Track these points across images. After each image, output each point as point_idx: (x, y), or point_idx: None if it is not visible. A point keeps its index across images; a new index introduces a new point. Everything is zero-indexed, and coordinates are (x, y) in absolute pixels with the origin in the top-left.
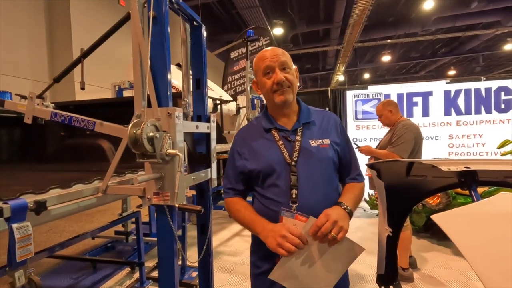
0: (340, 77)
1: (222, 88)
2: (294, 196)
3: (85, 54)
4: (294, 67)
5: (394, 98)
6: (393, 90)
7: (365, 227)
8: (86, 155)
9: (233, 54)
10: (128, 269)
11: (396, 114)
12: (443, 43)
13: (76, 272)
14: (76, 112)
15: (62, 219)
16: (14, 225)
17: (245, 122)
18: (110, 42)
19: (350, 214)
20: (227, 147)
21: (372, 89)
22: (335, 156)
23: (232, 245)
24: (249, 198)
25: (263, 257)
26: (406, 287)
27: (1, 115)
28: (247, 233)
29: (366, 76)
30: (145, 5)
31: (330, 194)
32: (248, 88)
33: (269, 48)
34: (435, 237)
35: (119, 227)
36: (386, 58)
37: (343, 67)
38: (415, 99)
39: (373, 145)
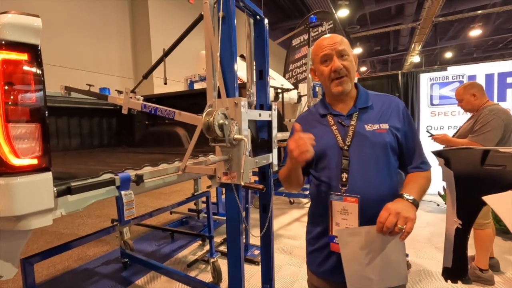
0: (415, 58)
1: (284, 76)
2: (344, 179)
3: (167, 53)
4: (353, 53)
5: (481, 79)
6: (480, 70)
7: (436, 223)
8: (165, 141)
9: (295, 42)
10: (199, 242)
11: (481, 98)
12: None
13: (158, 240)
14: (157, 103)
15: (145, 196)
16: (123, 192)
17: None
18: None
19: (415, 204)
20: (288, 135)
21: (453, 70)
22: (393, 142)
23: (292, 230)
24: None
25: (316, 236)
26: None
27: (103, 107)
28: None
29: (448, 55)
30: (215, 5)
31: (384, 179)
32: (310, 75)
33: (327, 35)
34: None
35: (192, 206)
36: (475, 33)
37: (419, 47)
38: (509, 80)
39: (452, 134)
